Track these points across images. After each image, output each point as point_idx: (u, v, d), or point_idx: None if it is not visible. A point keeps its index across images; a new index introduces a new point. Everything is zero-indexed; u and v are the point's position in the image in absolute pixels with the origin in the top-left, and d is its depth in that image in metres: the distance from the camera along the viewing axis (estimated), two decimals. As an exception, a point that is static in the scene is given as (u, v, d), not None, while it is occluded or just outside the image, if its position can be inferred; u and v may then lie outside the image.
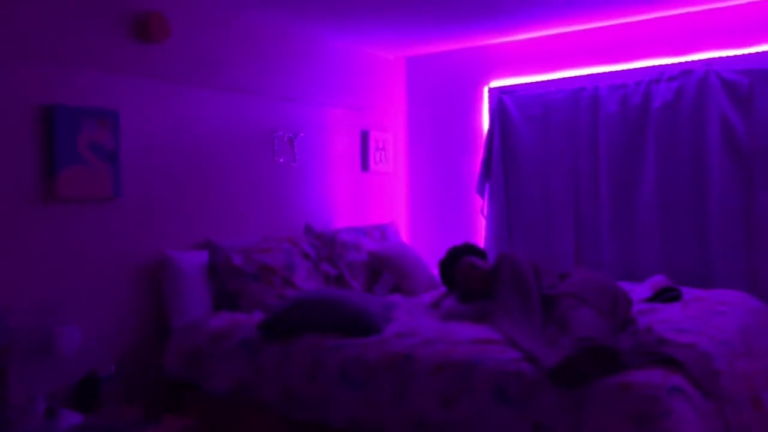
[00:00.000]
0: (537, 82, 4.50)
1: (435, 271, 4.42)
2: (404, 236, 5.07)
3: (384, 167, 4.87)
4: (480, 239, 4.74)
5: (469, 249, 3.51)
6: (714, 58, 3.87)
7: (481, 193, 4.61)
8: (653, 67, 4.07)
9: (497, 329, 2.73)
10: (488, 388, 2.30)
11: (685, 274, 3.89)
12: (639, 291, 3.50)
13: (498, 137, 4.53)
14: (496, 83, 4.67)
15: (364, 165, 4.69)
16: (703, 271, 3.88)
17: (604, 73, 4.24)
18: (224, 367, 2.95)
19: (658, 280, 3.52)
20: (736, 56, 3.81)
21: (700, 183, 3.90)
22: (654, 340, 2.47)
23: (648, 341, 2.46)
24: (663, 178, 3.99)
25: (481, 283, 3.20)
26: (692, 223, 3.92)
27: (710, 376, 2.25)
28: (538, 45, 4.52)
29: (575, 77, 4.35)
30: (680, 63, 3.98)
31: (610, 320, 2.67)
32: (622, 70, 4.17)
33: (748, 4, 3.80)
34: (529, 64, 4.56)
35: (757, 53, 3.74)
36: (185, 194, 3.48)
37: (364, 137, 4.69)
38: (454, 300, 3.25)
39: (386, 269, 3.88)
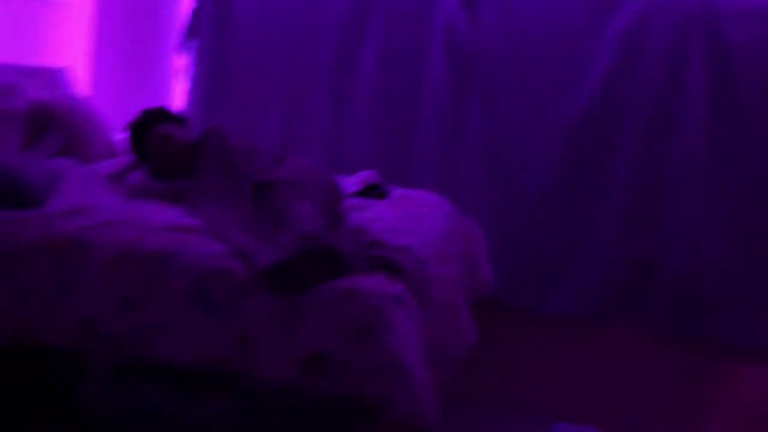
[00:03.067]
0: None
1: (118, 137, 3.66)
2: (84, 88, 4.12)
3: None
4: (180, 106, 4.05)
5: (165, 115, 2.89)
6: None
7: (185, 50, 3.89)
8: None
9: (199, 215, 2.26)
10: (186, 289, 1.85)
11: (389, 170, 3.81)
12: (347, 184, 3.31)
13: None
14: None
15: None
16: (404, 169, 3.84)
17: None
18: None
19: (368, 176, 3.36)
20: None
21: (417, 78, 3.75)
22: (369, 241, 2.28)
23: (363, 242, 2.26)
24: (383, 66, 3.76)
25: (180, 157, 2.64)
26: (405, 119, 3.79)
27: (425, 284, 2.14)
28: None
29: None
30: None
31: (327, 216, 2.41)
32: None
33: None
34: None
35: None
36: None
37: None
38: (143, 174, 2.66)
39: (54, 126, 3.04)
